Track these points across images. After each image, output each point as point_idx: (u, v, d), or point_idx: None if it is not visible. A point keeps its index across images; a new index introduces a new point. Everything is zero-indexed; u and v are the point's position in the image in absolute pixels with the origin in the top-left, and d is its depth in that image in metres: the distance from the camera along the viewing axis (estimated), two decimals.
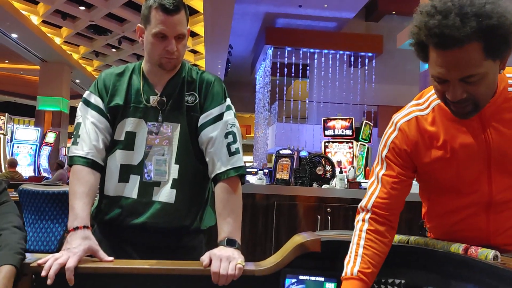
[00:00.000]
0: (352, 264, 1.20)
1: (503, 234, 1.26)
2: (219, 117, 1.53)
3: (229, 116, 1.54)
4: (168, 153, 1.52)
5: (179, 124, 1.53)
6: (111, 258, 1.32)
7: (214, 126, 1.51)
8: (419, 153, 1.25)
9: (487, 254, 1.10)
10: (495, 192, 1.21)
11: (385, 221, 1.26)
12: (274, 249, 3.36)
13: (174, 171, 1.51)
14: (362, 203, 1.28)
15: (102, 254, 1.33)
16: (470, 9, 1.00)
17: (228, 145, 1.49)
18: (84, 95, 1.56)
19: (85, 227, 1.35)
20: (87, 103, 1.53)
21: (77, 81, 17.09)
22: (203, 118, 1.53)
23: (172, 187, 1.50)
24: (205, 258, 1.30)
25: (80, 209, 1.37)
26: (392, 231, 1.28)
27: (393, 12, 14.56)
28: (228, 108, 1.56)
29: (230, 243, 1.37)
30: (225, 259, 1.28)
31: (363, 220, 1.26)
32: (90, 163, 1.46)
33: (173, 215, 1.50)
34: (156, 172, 1.50)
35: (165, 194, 1.50)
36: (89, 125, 1.49)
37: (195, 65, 15.97)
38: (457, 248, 1.21)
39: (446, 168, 1.23)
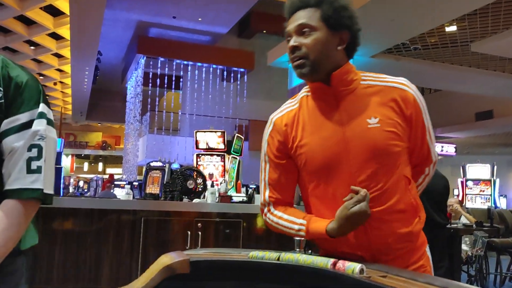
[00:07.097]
0: (307, 223, 1.33)
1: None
2: (27, 125, 1.25)
3: (40, 126, 1.26)
4: None
5: None
6: None
7: (19, 135, 1.23)
8: (289, 141, 1.39)
9: (353, 268, 1.12)
10: (355, 170, 1.30)
11: (286, 201, 1.44)
12: (140, 270, 3.16)
13: None
14: (261, 199, 1.45)
15: None
16: None
17: (29, 160, 1.23)
18: None
19: None
20: None
21: None
22: (7, 124, 1.24)
23: None
24: None
25: None
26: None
27: (264, 31, 15.20)
28: (40, 115, 1.27)
29: None
30: None
31: (270, 212, 1.42)
32: None
33: None
34: None
35: None
36: None
37: (59, 70, 14.88)
38: (326, 263, 1.21)
39: (315, 151, 1.35)
